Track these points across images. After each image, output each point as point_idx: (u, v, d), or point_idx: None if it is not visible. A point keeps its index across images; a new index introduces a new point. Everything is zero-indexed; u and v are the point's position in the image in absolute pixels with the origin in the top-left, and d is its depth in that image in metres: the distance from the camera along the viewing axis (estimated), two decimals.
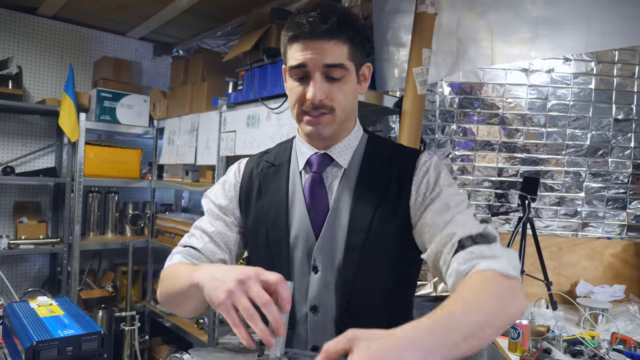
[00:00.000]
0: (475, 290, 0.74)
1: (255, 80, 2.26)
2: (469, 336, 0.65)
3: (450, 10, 2.00)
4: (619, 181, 2.55)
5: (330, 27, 0.90)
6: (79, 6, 3.00)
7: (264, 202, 1.04)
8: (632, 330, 1.88)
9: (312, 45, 0.91)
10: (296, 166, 1.05)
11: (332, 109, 0.94)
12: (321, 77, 0.92)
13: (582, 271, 2.48)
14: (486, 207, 2.65)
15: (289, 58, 0.96)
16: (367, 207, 0.96)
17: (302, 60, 0.92)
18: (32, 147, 3.22)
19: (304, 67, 0.92)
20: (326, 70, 0.92)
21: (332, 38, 0.91)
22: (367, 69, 1.03)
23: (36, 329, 1.13)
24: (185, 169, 3.03)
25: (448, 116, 2.63)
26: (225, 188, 1.11)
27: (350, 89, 0.97)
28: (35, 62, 3.21)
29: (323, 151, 1.01)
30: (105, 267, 3.47)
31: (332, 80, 0.93)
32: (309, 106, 0.94)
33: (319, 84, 0.92)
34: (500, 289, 0.75)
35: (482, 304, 0.71)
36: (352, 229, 0.96)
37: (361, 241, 0.95)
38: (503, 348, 1.78)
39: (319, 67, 0.91)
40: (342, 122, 0.99)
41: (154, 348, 3.27)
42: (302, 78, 0.94)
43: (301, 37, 0.92)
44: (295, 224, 1.00)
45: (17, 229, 3.03)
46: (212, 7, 2.82)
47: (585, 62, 2.55)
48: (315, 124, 0.95)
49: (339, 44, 0.92)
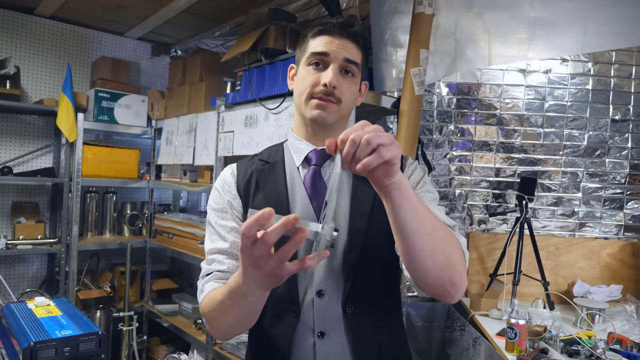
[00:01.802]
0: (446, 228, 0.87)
1: (253, 80, 2.26)
2: (428, 216, 0.80)
3: (447, 11, 2.01)
4: (616, 181, 2.56)
5: (356, 32, 1.03)
6: (77, 6, 2.99)
7: (263, 195, 1.06)
8: (629, 330, 1.89)
9: (337, 40, 1.01)
10: (292, 163, 1.09)
11: (340, 100, 1.02)
12: (339, 67, 1.01)
13: (579, 271, 2.49)
14: (484, 207, 2.65)
15: (313, 46, 1.03)
16: (366, 194, 1.01)
17: (326, 49, 1.01)
18: (30, 147, 3.21)
19: (326, 56, 1.01)
20: (344, 65, 1.01)
21: (354, 41, 1.03)
22: (365, 86, 1.13)
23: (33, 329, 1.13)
24: (183, 169, 3.03)
25: (446, 116, 2.64)
26: (225, 190, 1.10)
27: (355, 89, 1.06)
28: (33, 62, 3.21)
29: (321, 147, 1.06)
30: (103, 267, 3.47)
31: (345, 75, 1.02)
32: (321, 91, 1.00)
33: (336, 72, 1.00)
34: (458, 250, 0.87)
35: (445, 233, 0.85)
36: (355, 214, 1.01)
37: (364, 225, 1.00)
38: (500, 348, 1.79)
39: (339, 59, 1.01)
40: (342, 118, 1.06)
41: (152, 348, 3.27)
42: (319, 65, 1.02)
43: (329, 32, 1.02)
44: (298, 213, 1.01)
45: (14, 229, 3.03)
46: (210, 8, 2.82)
47: (582, 62, 2.56)
48: (323, 108, 1.01)
49: (358, 48, 1.04)
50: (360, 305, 0.99)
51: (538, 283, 2.25)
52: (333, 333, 0.99)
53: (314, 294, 1.00)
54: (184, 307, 3.02)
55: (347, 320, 0.99)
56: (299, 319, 1.00)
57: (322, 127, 1.05)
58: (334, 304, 1.00)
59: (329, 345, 0.99)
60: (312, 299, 1.00)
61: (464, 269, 0.87)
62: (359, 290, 0.99)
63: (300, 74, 1.06)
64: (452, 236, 0.87)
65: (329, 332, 0.99)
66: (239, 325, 0.94)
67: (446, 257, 0.82)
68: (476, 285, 2.51)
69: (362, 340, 0.99)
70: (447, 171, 2.64)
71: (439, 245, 0.81)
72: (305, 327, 1.00)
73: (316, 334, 0.99)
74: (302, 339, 1.00)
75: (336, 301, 0.99)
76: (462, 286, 0.86)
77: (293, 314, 1.00)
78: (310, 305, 1.00)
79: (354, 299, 0.99)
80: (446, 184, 2.64)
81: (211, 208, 1.10)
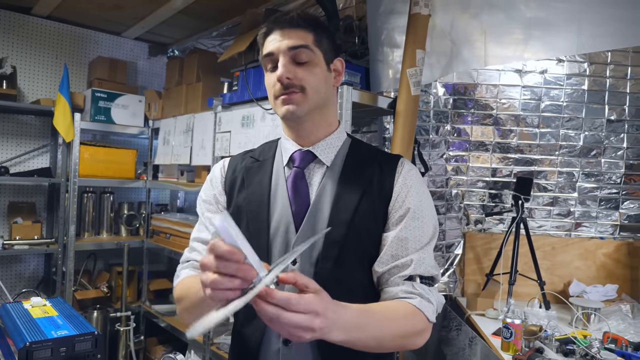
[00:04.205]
0: (400, 316, 0.92)
1: (250, 80, 2.26)
2: (369, 337, 0.85)
3: (443, 11, 2.01)
4: (612, 181, 2.57)
5: (291, 17, 1.00)
6: (74, 6, 2.99)
7: (246, 194, 1.06)
8: (624, 329, 1.90)
9: (278, 34, 0.99)
10: (280, 162, 1.08)
11: (302, 87, 0.98)
12: (288, 59, 0.98)
13: (575, 271, 2.50)
14: (480, 207, 2.66)
15: (264, 51, 1.02)
16: (348, 203, 0.99)
17: (270, 49, 0.99)
18: (27, 148, 3.21)
19: (272, 55, 0.99)
20: (292, 54, 0.98)
21: (295, 26, 0.99)
22: (340, 63, 1.07)
23: (29, 329, 1.13)
24: (180, 169, 3.03)
25: (442, 117, 2.64)
26: (213, 185, 1.13)
27: (319, 72, 1.00)
28: (29, 62, 3.20)
29: (307, 148, 1.04)
30: (100, 267, 3.47)
31: (299, 64, 0.98)
32: (280, 89, 0.98)
33: (284, 64, 0.97)
34: (416, 327, 0.94)
35: (398, 327, 0.91)
36: (333, 223, 0.97)
37: (341, 235, 0.97)
38: (496, 347, 1.79)
39: (284, 50, 0.98)
40: (315, 105, 1.01)
41: (149, 348, 3.26)
42: (274, 67, 1.00)
43: (270, 31, 1.01)
44: (276, 216, 1.02)
45: (11, 229, 3.02)
46: (207, 8, 2.82)
47: (578, 63, 2.56)
48: (287, 102, 0.98)
49: (303, 32, 0.99)
50: None
51: (534, 283, 2.26)
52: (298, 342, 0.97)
53: None
54: None
55: None
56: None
57: (297, 122, 1.03)
58: None
59: (293, 353, 0.98)
60: None
61: (425, 332, 0.96)
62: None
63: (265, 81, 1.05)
64: (408, 332, 0.93)
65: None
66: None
67: (402, 342, 0.93)
68: (472, 285, 2.51)
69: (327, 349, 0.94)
70: (443, 171, 2.64)
71: (389, 344, 0.91)
72: (271, 332, 0.99)
73: (282, 341, 0.98)
74: (269, 344, 1.00)
75: None
76: (425, 339, 0.97)
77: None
78: None
79: None
80: (442, 184, 2.64)
81: (201, 199, 1.14)
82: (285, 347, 0.98)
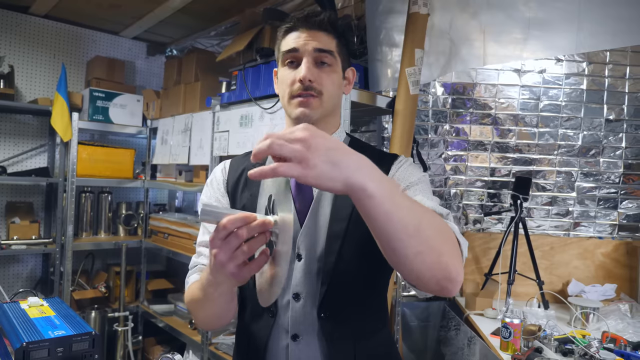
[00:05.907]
0: (435, 214, 0.80)
1: (249, 80, 2.26)
2: (406, 207, 0.70)
3: (442, 11, 2.01)
4: (610, 181, 2.57)
5: (322, 20, 1.00)
6: (72, 5, 2.98)
7: (250, 194, 1.06)
8: (623, 329, 1.90)
9: (305, 33, 0.99)
10: None
11: (320, 92, 0.99)
12: (312, 60, 0.99)
13: (574, 270, 2.50)
14: (479, 206, 2.66)
15: (284, 45, 1.01)
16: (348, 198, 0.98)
17: (295, 45, 0.99)
18: (24, 147, 3.20)
19: (296, 52, 0.99)
20: (317, 56, 0.99)
21: (323, 30, 1.00)
22: (352, 72, 1.09)
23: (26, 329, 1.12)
24: (178, 169, 3.02)
25: (441, 116, 2.64)
26: (214, 187, 1.13)
27: (336, 78, 1.02)
28: (27, 62, 3.19)
29: None
30: (98, 267, 3.46)
31: (321, 66, 1.00)
32: (299, 88, 0.98)
33: (308, 66, 0.98)
34: (452, 238, 0.79)
35: (435, 219, 0.76)
36: (334, 218, 0.99)
37: (342, 229, 0.98)
38: (495, 347, 1.79)
39: (310, 51, 0.98)
40: (327, 111, 1.02)
41: (147, 349, 3.26)
42: (293, 63, 1.00)
43: (296, 27, 1.01)
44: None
45: (9, 229, 3.01)
46: (205, 7, 2.82)
47: (577, 62, 2.57)
48: (305, 105, 0.98)
49: (329, 37, 1.01)
50: (335, 310, 0.98)
51: (533, 282, 2.26)
52: (306, 337, 0.99)
53: (291, 297, 1.00)
54: (180, 308, 3.02)
55: (321, 325, 0.98)
56: (275, 320, 1.01)
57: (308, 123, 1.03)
58: (309, 307, 0.99)
59: (302, 349, 0.99)
60: (288, 301, 1.00)
61: (459, 261, 0.78)
62: (334, 295, 0.98)
63: (279, 76, 1.05)
64: (443, 230, 0.77)
65: (302, 336, 0.99)
66: (214, 318, 0.98)
67: (436, 255, 0.74)
68: (471, 285, 2.51)
69: (335, 345, 0.98)
70: (442, 171, 2.64)
71: (426, 245, 0.72)
72: (280, 328, 1.00)
73: (290, 336, 0.99)
74: (277, 340, 1.01)
75: (311, 305, 0.99)
76: (459, 278, 0.78)
77: (270, 313, 1.01)
78: (286, 307, 1.00)
79: (329, 303, 0.98)
80: (441, 184, 2.64)
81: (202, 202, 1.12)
82: (294, 343, 0.99)
